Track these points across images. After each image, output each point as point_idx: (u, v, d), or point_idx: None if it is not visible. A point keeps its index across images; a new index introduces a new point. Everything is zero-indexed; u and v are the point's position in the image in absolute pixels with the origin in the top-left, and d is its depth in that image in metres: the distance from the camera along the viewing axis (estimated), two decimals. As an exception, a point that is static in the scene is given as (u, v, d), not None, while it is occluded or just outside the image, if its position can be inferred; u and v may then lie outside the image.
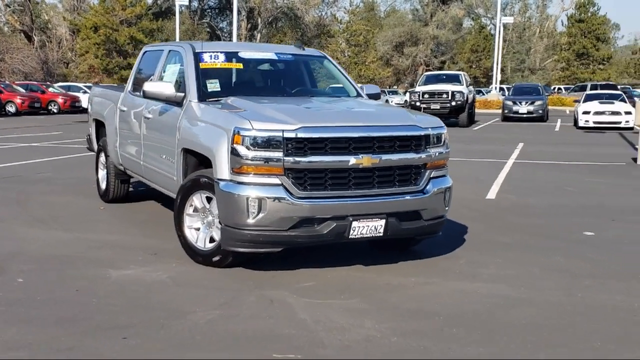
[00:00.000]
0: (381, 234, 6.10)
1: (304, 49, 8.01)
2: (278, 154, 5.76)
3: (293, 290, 5.71)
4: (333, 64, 8.08)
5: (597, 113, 27.29)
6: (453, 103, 28.56)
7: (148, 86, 7.03)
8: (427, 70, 67.37)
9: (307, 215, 5.85)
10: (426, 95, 29.17)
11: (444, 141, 6.49)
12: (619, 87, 52.18)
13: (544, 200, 10.45)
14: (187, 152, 6.67)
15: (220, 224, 6.08)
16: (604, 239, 7.82)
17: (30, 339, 4.56)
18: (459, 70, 60.71)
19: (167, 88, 6.97)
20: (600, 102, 28.01)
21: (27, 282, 5.84)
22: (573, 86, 61.24)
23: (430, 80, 31.23)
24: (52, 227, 7.99)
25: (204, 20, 67.71)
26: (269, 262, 6.41)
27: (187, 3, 52.43)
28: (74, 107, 38.47)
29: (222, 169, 5.93)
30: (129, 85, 8.68)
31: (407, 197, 6.20)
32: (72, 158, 15.21)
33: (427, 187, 6.32)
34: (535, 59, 79.61)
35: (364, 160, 5.92)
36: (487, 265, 6.60)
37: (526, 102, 32.99)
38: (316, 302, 5.42)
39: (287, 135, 5.76)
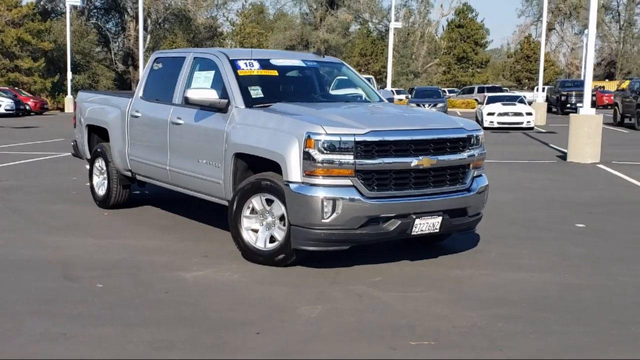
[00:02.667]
0: (437, 230, 6.56)
1: (323, 56, 8.36)
2: (349, 157, 6.10)
3: (369, 285, 6.06)
4: (351, 70, 8.47)
5: (500, 114, 28.82)
6: (366, 106, 29.34)
7: (192, 93, 7.15)
8: (318, 73, 68.10)
9: (376, 214, 6.23)
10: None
11: (481, 142, 7.02)
12: (503, 89, 55.09)
13: (512, 196, 11.20)
14: (238, 156, 6.87)
15: (283, 224, 6.38)
16: (596, 230, 8.59)
17: (170, 339, 4.71)
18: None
19: (212, 94, 7.13)
20: (503, 104, 29.59)
21: (109, 287, 5.90)
22: (459, 90, 63.86)
23: (341, 83, 31.92)
24: (76, 234, 7.94)
25: (91, 21, 65.78)
26: (322, 260, 6.69)
27: (79, 3, 50.80)
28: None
29: (293, 172, 6.20)
30: (139, 91, 8.69)
31: (457, 195, 6.69)
32: (22, 165, 14.74)
33: (472, 185, 6.84)
34: (418, 63, 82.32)
35: (424, 161, 6.37)
36: (518, 257, 7.17)
37: (429, 105, 34.32)
38: (401, 295, 5.80)
39: (358, 139, 6.12)
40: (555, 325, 5.11)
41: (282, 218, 6.52)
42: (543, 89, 41.42)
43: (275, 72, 7.70)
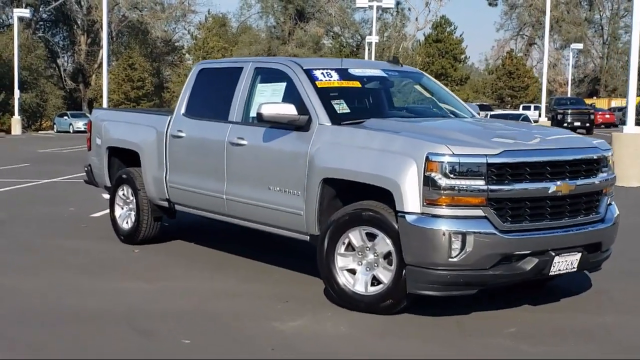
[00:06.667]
0: (575, 269, 5.96)
1: (401, 65, 7.75)
2: (480, 182, 5.49)
3: (507, 337, 5.44)
4: (433, 81, 7.87)
5: (506, 135, 28.57)
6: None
7: (267, 108, 6.46)
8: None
9: (511, 252, 5.61)
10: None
11: (611, 164, 6.45)
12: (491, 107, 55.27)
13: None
14: (326, 182, 6.21)
15: (388, 263, 5.73)
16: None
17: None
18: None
19: (291, 110, 6.46)
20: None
21: (198, 343, 5.18)
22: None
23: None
24: (117, 277, 7.17)
25: (37, 35, 64.51)
26: (428, 307, 6.00)
27: (28, 15, 49.77)
28: None
29: (410, 201, 5.56)
30: (181, 108, 7.95)
31: (593, 227, 6.10)
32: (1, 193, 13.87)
33: (607, 215, 6.26)
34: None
35: (562, 187, 5.77)
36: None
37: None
38: (556, 350, 5.18)
39: (490, 160, 5.50)
40: None
41: (387, 256, 5.86)
42: (535, 107, 41.49)
43: (357, 84, 7.06)
